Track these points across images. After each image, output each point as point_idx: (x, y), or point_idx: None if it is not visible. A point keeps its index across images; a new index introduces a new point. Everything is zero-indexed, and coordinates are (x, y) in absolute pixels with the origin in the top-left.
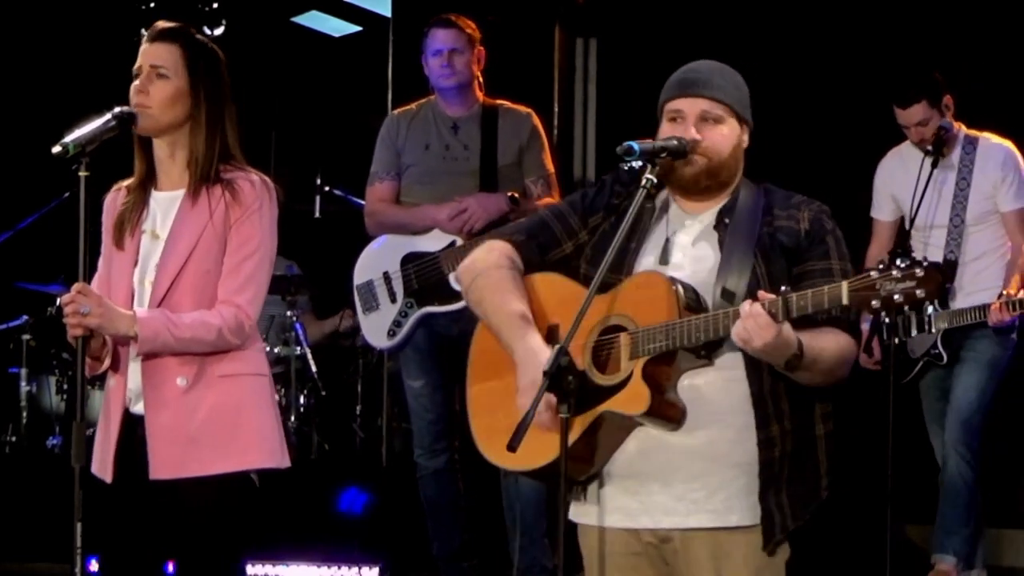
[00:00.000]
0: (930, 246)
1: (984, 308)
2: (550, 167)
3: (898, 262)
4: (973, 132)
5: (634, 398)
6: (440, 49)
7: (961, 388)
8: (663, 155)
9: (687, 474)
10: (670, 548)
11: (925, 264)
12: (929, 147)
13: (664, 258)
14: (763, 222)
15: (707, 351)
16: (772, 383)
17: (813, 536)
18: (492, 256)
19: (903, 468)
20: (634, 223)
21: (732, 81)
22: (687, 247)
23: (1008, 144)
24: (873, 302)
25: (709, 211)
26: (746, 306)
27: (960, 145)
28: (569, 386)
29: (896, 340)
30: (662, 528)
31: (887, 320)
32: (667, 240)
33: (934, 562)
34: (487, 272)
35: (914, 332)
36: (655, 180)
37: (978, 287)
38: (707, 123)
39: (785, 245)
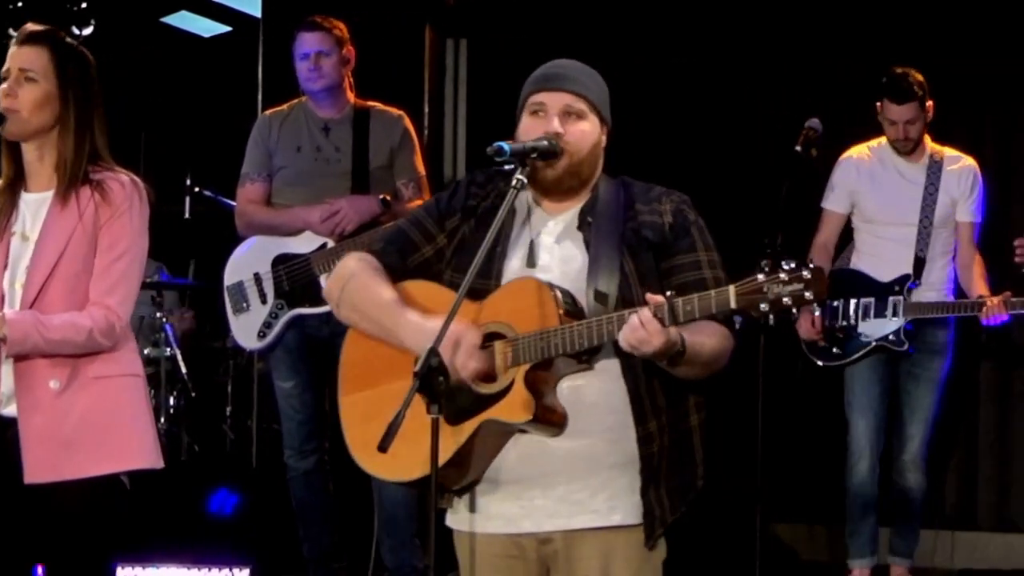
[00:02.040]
0: (889, 240)
1: (971, 305)
2: (421, 169)
3: (783, 264)
4: (937, 146)
5: (517, 406)
6: (307, 52)
7: (921, 410)
8: (533, 155)
9: (569, 476)
10: (550, 549)
11: (811, 266)
12: (799, 147)
13: (531, 260)
14: (626, 218)
15: (588, 355)
16: (647, 379)
17: (683, 535)
18: (355, 263)
19: (772, 467)
20: (501, 225)
21: (595, 80)
22: (553, 248)
23: (972, 160)
24: (762, 305)
25: (570, 211)
26: (635, 318)
27: (928, 153)
28: (440, 387)
29: (844, 323)
30: (546, 531)
31: (768, 318)
32: (532, 242)
33: (891, 563)
34: (354, 277)
35: (872, 317)
36: (525, 180)
37: (936, 286)
38: (569, 118)
39: (650, 240)
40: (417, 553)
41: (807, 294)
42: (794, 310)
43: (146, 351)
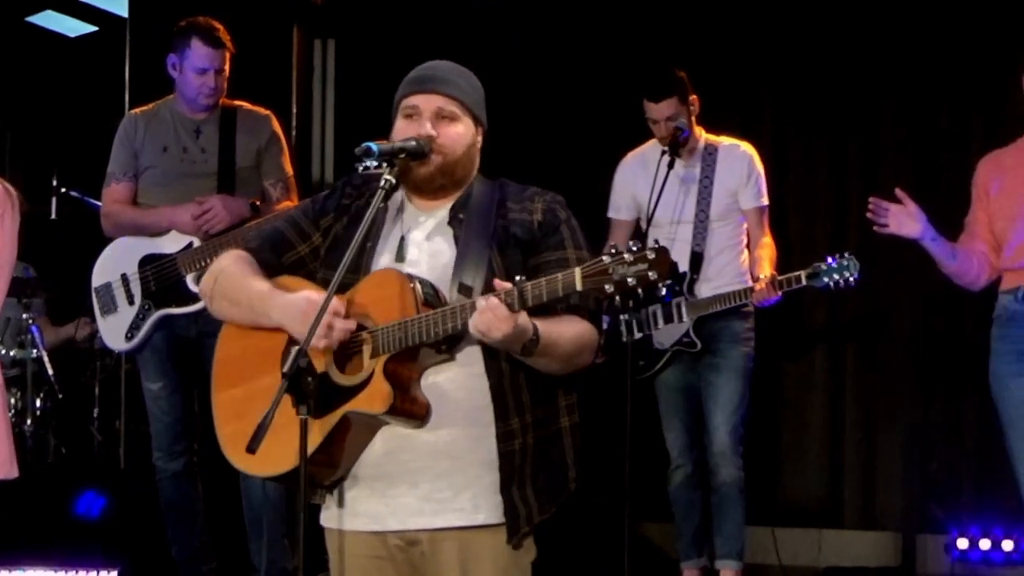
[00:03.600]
0: (677, 240)
1: (741, 293)
2: (289, 170)
3: (629, 246)
4: (712, 136)
5: (376, 396)
6: (206, 68)
7: (724, 398)
8: (401, 156)
9: (433, 474)
10: (417, 551)
11: (656, 247)
12: (665, 149)
13: (400, 255)
14: (497, 215)
15: (447, 346)
16: (512, 375)
17: (552, 534)
18: (229, 258)
19: (640, 466)
20: (371, 222)
21: (469, 81)
22: (422, 243)
23: (747, 146)
24: (607, 286)
25: (443, 208)
26: (482, 300)
27: (702, 147)
28: (309, 387)
29: (640, 334)
30: (409, 530)
31: (621, 307)
32: (402, 238)
33: (719, 568)
34: (225, 269)
35: (661, 323)
36: (394, 180)
37: (723, 280)
38: (443, 120)
39: (519, 237)
40: (287, 554)
41: (651, 274)
42: (640, 291)
43: (12, 353)
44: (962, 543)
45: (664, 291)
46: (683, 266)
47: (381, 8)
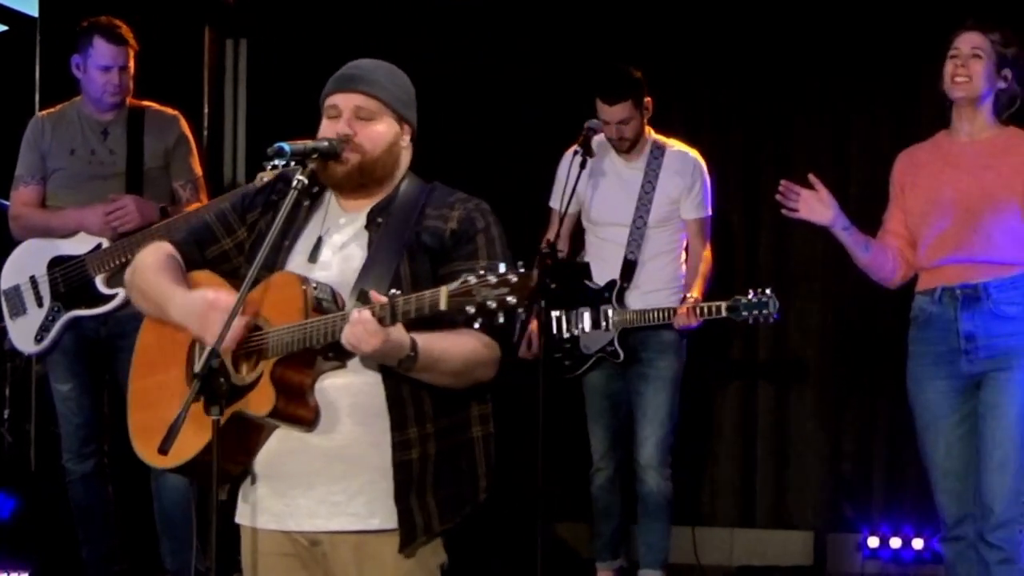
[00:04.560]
0: (609, 242)
1: (667, 311)
2: (198, 171)
3: (499, 268)
4: (661, 138)
5: (261, 399)
6: (109, 66)
7: (652, 410)
8: (314, 156)
9: (328, 477)
10: (320, 551)
11: (520, 271)
12: (578, 148)
13: (313, 256)
14: (415, 221)
15: (335, 353)
16: (413, 386)
17: (464, 535)
18: (151, 252)
19: (553, 466)
20: (289, 221)
21: (394, 80)
22: (337, 246)
23: (695, 153)
24: (468, 307)
25: (365, 209)
26: (355, 312)
27: (648, 149)
28: (221, 388)
29: (569, 334)
30: (307, 531)
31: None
32: (319, 239)
33: None
34: (145, 263)
35: (588, 326)
36: (306, 181)
37: (654, 286)
38: (361, 120)
39: (428, 245)
40: (198, 555)
41: (510, 299)
42: (500, 315)
43: None
44: (873, 542)
45: (609, 308)
46: (614, 272)
47: (293, 8)
